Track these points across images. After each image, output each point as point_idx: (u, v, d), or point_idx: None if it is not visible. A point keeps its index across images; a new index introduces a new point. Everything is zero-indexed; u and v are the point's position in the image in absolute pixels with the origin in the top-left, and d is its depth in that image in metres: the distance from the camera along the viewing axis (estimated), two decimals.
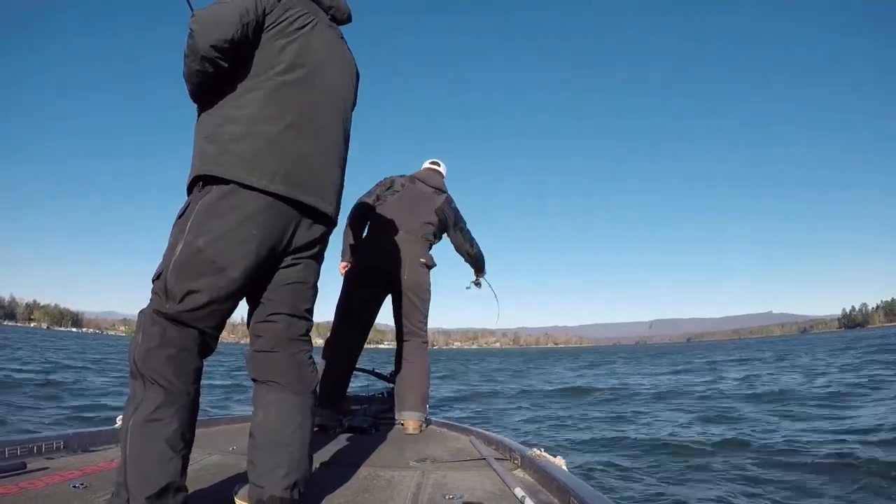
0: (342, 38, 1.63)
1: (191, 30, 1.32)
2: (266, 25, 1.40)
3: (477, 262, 3.74)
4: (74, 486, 1.62)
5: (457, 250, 3.63)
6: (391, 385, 3.72)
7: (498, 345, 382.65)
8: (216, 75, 1.36)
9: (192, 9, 1.40)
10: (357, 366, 3.36)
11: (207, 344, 1.35)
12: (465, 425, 3.15)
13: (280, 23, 1.42)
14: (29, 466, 1.79)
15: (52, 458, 1.96)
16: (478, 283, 3.87)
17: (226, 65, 1.35)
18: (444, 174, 3.62)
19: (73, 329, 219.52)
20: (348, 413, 3.24)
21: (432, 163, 3.64)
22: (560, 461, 2.06)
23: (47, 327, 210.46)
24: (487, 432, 2.79)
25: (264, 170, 1.33)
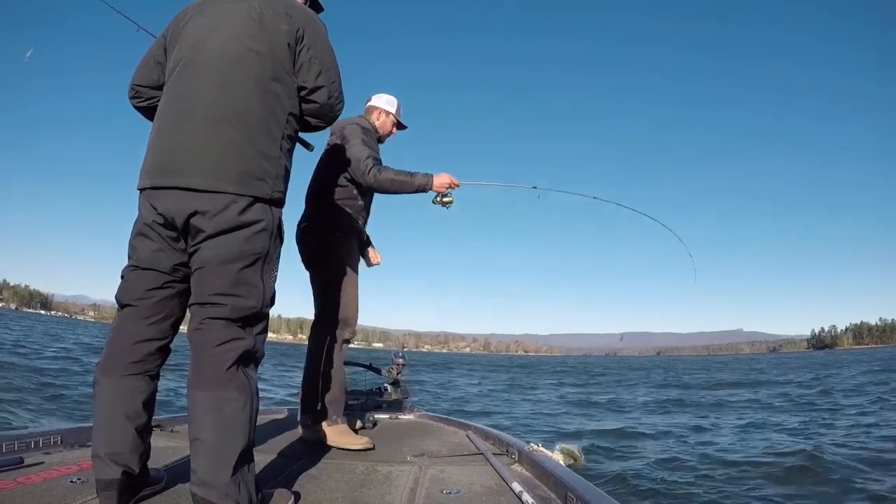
0: None
1: None
2: (167, 49, 1.57)
3: (389, 190, 2.63)
4: (72, 481, 1.62)
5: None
6: (385, 379, 3.71)
7: (468, 350, 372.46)
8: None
9: None
10: (353, 360, 3.32)
11: (145, 320, 1.46)
12: (462, 420, 3.16)
13: (172, 37, 1.58)
14: (26, 461, 1.78)
15: (50, 453, 1.96)
16: (442, 201, 2.68)
17: (147, 104, 1.60)
18: (376, 105, 2.85)
19: (42, 311, 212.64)
20: (346, 408, 3.24)
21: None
22: (557, 456, 2.07)
23: (16, 308, 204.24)
24: (485, 427, 2.80)
25: (142, 173, 1.47)
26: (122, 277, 1.50)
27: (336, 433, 2.44)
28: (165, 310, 1.48)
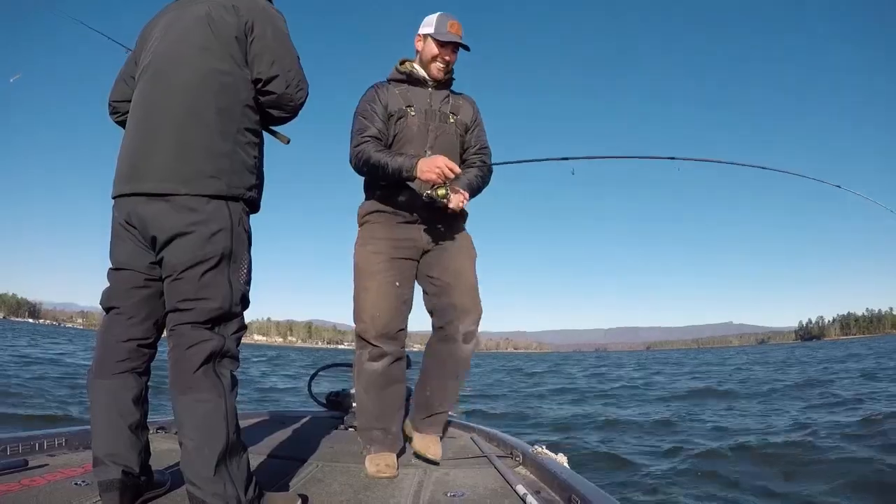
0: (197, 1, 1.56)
1: None
2: (137, 63, 1.59)
3: (367, 173, 2.26)
4: (76, 484, 1.62)
5: None
6: None
7: None
8: None
9: None
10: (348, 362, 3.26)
11: (128, 321, 1.49)
12: (467, 422, 3.14)
13: (137, 50, 1.61)
14: (30, 463, 1.78)
15: (54, 455, 1.96)
16: (434, 193, 2.09)
17: (124, 119, 1.58)
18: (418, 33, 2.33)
19: (30, 320, 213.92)
20: (349, 411, 3.23)
21: None
22: (562, 458, 2.06)
23: (3, 317, 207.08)
24: (489, 429, 2.78)
25: (113, 182, 1.51)
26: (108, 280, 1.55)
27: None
28: (146, 309, 1.50)
